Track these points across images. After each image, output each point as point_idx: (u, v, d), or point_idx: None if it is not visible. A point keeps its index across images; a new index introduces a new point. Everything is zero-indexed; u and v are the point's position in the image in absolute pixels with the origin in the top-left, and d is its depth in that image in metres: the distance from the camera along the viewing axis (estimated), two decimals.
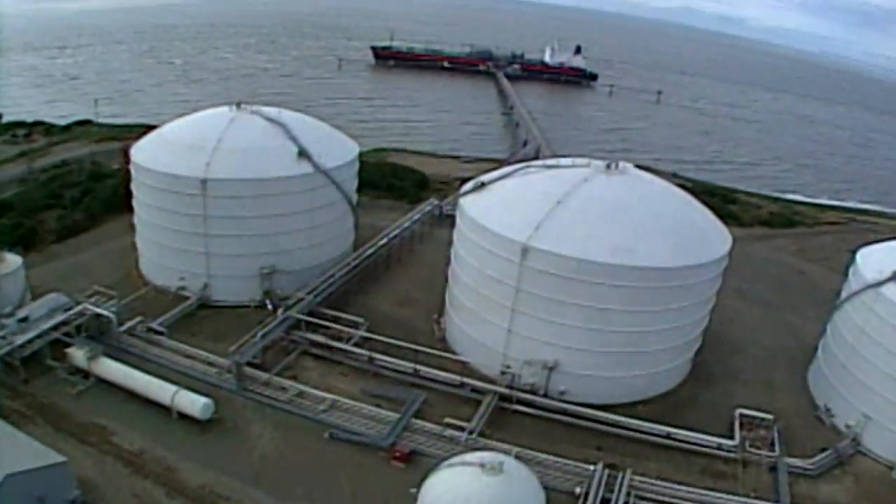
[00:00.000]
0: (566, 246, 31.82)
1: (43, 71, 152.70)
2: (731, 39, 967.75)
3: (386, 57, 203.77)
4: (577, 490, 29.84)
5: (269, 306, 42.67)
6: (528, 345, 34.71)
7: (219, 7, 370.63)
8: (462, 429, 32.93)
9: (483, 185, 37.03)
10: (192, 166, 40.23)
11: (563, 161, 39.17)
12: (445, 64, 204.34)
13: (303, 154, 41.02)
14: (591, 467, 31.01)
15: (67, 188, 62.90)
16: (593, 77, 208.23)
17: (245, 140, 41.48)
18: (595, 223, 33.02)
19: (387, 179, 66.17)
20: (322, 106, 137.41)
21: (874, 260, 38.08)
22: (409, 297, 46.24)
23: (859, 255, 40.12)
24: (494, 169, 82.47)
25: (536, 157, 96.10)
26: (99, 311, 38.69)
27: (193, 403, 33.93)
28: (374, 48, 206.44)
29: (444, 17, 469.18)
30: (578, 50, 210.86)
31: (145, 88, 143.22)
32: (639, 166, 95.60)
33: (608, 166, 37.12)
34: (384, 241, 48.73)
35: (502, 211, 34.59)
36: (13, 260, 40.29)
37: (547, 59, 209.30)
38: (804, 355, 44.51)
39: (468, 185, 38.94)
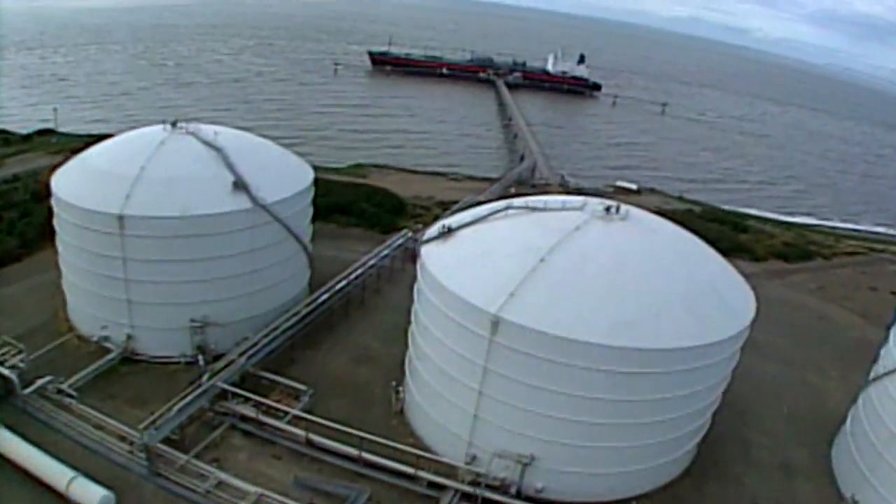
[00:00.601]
0: (548, 320, 24.87)
1: (33, 71, 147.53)
2: (738, 50, 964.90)
3: (383, 63, 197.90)
4: None
5: (202, 364, 36.23)
6: (498, 434, 27.87)
7: (221, 8, 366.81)
8: None
9: (449, 230, 30.04)
10: (109, 200, 33.53)
11: (551, 201, 31.93)
12: (444, 71, 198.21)
13: (239, 185, 34.34)
14: None
15: (9, 208, 56.44)
16: (596, 87, 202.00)
17: (173, 168, 34.75)
18: (588, 289, 26.00)
19: (359, 204, 59.17)
20: (313, 114, 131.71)
21: None
22: (367, 353, 39.36)
23: None
24: (486, 188, 77.28)
25: (532, 175, 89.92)
26: None
27: (90, 495, 27.51)
28: (371, 53, 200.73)
29: (447, 23, 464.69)
30: (582, 59, 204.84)
31: (132, 91, 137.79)
32: (637, 191, 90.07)
33: (607, 210, 30.00)
34: (343, 283, 41.95)
35: (470, 268, 27.58)
36: None
37: (549, 67, 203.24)
38: (827, 426, 38.19)
39: (432, 230, 31.99)
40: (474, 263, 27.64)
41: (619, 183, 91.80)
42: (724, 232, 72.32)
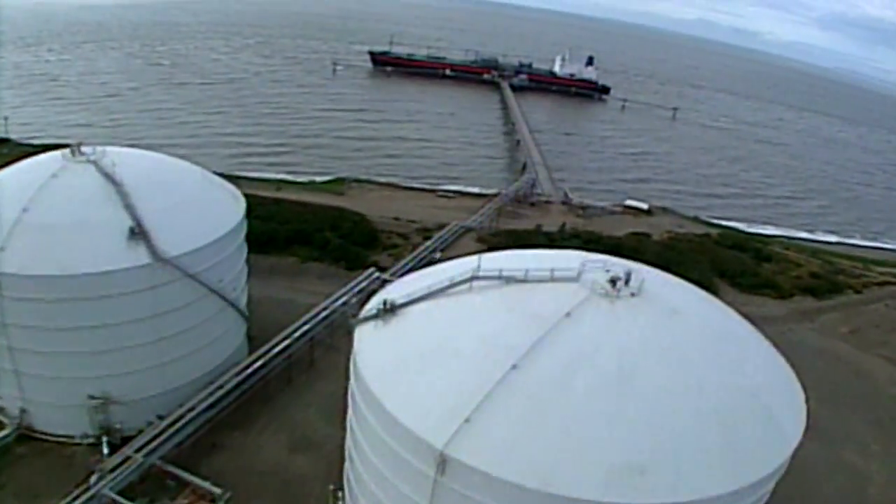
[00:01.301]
0: (517, 462, 17.17)
1: (25, 70, 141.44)
2: (747, 53, 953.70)
3: (384, 63, 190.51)
4: None
5: (105, 450, 29.25)
6: None
7: (226, 6, 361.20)
8: None
9: (392, 308, 22.42)
10: None
11: (534, 266, 22.67)
12: (448, 72, 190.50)
13: (137, 233, 26.98)
14: None
15: None
16: (605, 90, 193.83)
17: (59, 210, 27.42)
18: (578, 413, 18.16)
19: (323, 233, 50.98)
20: (307, 119, 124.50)
21: None
22: (309, 436, 31.81)
23: None
24: (480, 207, 69.87)
25: (532, 190, 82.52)
26: None
27: None
28: (371, 53, 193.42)
29: (455, 23, 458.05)
30: (591, 61, 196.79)
31: (122, 93, 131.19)
32: (648, 211, 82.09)
33: (613, 283, 21.30)
34: (286, 342, 34.39)
35: (413, 375, 19.78)
36: None
37: (557, 69, 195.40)
38: None
39: (370, 305, 24.00)
40: (419, 367, 19.85)
41: (629, 202, 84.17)
42: (746, 262, 64.95)
